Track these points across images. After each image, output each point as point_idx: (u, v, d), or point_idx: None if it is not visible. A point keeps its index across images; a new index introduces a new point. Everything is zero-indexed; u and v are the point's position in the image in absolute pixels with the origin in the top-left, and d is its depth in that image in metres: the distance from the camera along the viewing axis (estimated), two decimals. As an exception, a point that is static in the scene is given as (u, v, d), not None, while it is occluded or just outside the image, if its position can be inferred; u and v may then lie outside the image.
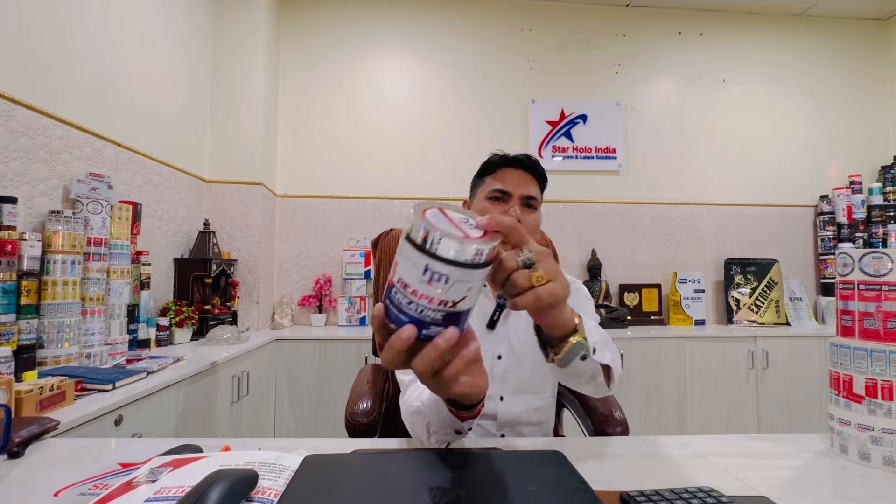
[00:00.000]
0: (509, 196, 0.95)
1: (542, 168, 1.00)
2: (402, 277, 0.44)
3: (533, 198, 0.96)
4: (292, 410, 2.35)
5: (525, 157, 0.98)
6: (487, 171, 1.00)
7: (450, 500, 0.48)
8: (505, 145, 3.08)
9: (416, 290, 0.44)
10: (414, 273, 0.43)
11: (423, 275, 0.43)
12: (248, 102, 2.58)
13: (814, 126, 3.21)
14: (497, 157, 1.00)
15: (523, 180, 0.96)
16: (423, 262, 0.42)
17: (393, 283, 0.45)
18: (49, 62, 1.47)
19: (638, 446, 0.77)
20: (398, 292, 0.45)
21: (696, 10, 3.18)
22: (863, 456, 0.68)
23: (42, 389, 0.95)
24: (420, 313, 0.45)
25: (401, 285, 0.44)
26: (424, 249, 0.42)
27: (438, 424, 0.65)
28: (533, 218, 0.96)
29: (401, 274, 0.44)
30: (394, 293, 0.45)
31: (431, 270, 0.42)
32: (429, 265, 0.42)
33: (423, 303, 0.44)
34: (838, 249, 0.84)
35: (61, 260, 1.34)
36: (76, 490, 0.55)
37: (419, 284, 0.43)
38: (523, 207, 0.95)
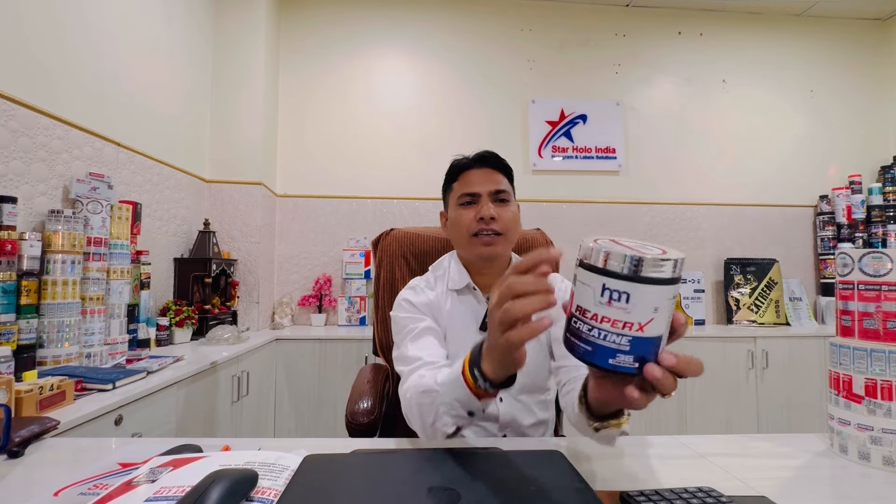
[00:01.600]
0: (478, 196, 0.93)
1: (505, 161, 0.99)
2: (579, 304, 0.44)
3: (502, 191, 0.94)
4: (292, 410, 2.35)
5: (486, 153, 0.97)
6: (453, 178, 0.99)
7: (450, 500, 0.48)
8: (505, 145, 3.09)
9: (597, 313, 0.42)
10: (591, 296, 0.42)
11: (602, 296, 0.42)
12: (248, 102, 2.58)
13: (814, 126, 3.21)
14: (458, 161, 0.99)
15: (488, 177, 0.95)
16: (601, 282, 0.42)
17: (572, 313, 0.45)
18: (48, 62, 1.47)
19: (638, 446, 0.77)
20: (577, 321, 0.44)
21: (696, 10, 3.18)
22: (862, 456, 0.68)
23: (42, 389, 0.95)
24: (603, 339, 0.43)
25: (579, 312, 0.44)
26: (600, 269, 0.42)
27: (449, 405, 0.64)
28: (508, 211, 0.94)
29: (578, 301, 0.44)
30: (573, 323, 0.44)
31: (609, 289, 0.42)
32: (606, 284, 0.42)
33: (606, 327, 0.42)
34: (838, 249, 0.84)
35: (61, 260, 1.34)
36: (76, 490, 0.55)
37: (598, 307, 0.42)
38: (495, 203, 0.93)
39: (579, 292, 0.44)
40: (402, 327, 0.92)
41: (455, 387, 0.62)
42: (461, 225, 0.94)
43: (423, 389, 0.71)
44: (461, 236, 0.95)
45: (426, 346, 0.86)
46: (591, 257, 0.43)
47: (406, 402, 0.76)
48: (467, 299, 0.98)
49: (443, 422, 0.66)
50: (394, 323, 0.95)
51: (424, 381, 0.72)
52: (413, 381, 0.76)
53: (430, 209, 2.93)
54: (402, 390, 0.80)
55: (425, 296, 0.97)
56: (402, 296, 0.98)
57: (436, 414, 0.66)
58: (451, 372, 0.64)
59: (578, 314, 0.44)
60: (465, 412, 0.63)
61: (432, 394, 0.68)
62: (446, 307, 0.96)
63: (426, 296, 0.97)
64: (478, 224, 0.92)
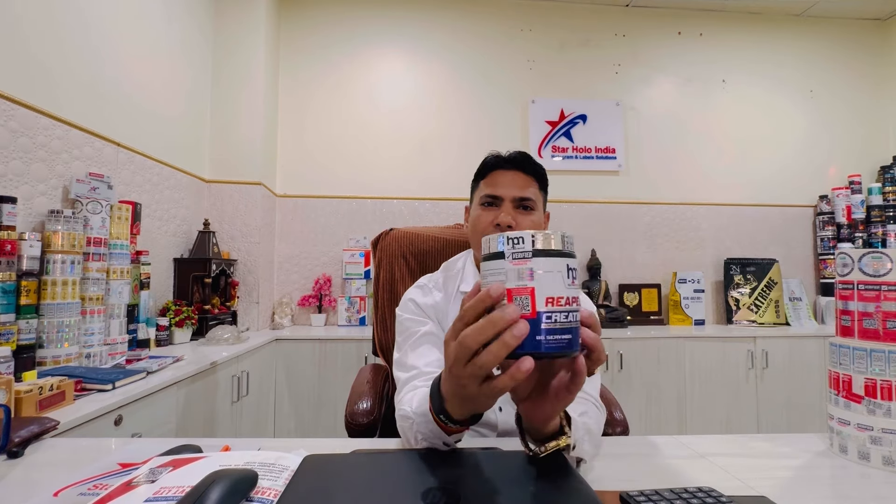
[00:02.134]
0: (501, 200, 0.90)
1: (540, 166, 0.94)
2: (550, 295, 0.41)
3: (527, 199, 0.90)
4: (292, 410, 2.35)
5: (518, 154, 0.93)
6: (481, 175, 0.96)
7: (450, 500, 0.48)
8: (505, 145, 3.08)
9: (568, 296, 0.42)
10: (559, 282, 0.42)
11: (567, 278, 0.42)
12: (248, 102, 2.57)
13: (813, 126, 3.21)
14: (489, 159, 0.95)
15: (517, 181, 0.91)
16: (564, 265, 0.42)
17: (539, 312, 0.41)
18: (48, 62, 1.47)
19: (638, 446, 0.77)
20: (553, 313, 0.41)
21: (696, 10, 3.18)
22: (862, 456, 0.68)
23: (42, 389, 0.95)
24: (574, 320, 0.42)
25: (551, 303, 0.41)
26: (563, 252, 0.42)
27: (425, 434, 0.62)
28: (529, 220, 0.90)
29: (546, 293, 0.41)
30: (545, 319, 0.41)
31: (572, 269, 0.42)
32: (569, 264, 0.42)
33: (574, 307, 0.42)
34: (838, 249, 0.84)
35: (61, 260, 1.34)
36: (76, 490, 0.55)
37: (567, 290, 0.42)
38: (517, 210, 0.90)
39: (544, 282, 0.42)
40: (404, 328, 0.91)
41: (426, 420, 0.59)
42: (478, 226, 0.92)
43: (402, 414, 0.69)
44: (476, 237, 0.93)
45: (424, 354, 0.85)
46: (548, 243, 0.42)
47: (396, 416, 0.75)
48: None
49: (423, 446, 0.65)
50: (398, 322, 0.94)
51: (403, 405, 0.70)
52: (399, 398, 0.76)
53: (429, 209, 2.93)
54: (396, 401, 0.79)
55: (432, 297, 0.95)
56: (409, 295, 0.96)
57: (416, 439, 0.65)
58: (422, 401, 0.62)
59: (552, 306, 0.41)
60: (440, 442, 0.62)
61: (409, 420, 0.66)
62: (453, 310, 0.93)
63: (433, 297, 0.95)
64: (494, 229, 0.89)
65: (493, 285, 0.43)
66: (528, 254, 0.42)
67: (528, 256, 0.42)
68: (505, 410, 0.92)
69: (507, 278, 0.43)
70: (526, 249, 0.42)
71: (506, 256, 0.43)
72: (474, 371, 0.44)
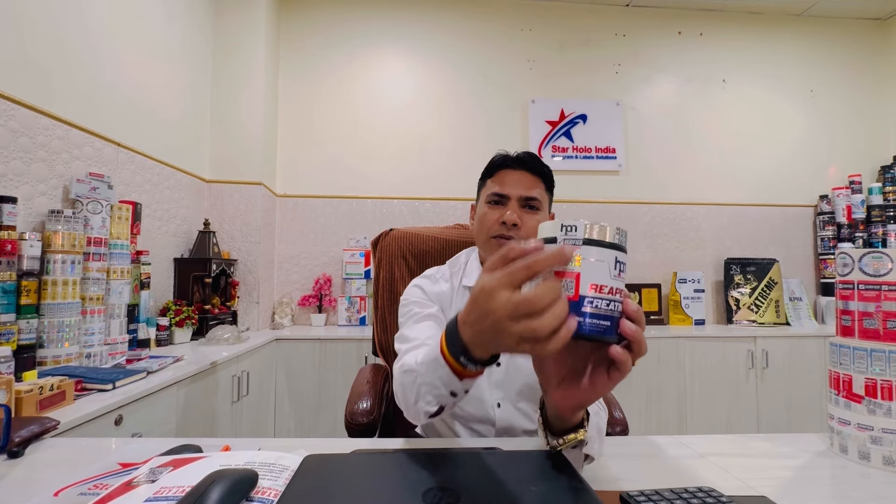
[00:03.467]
0: (507, 199, 0.92)
1: (547, 168, 0.96)
2: (594, 282, 0.44)
3: (533, 199, 0.92)
4: (292, 410, 2.35)
5: (525, 155, 0.95)
6: (489, 174, 0.98)
7: (450, 500, 0.48)
8: (505, 145, 3.07)
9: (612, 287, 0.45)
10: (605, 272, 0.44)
11: (614, 269, 0.45)
12: (248, 102, 2.58)
13: (813, 126, 3.21)
14: (497, 158, 0.97)
15: (523, 181, 0.93)
16: (613, 257, 0.45)
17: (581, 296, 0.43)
18: (48, 62, 1.47)
19: (638, 446, 0.77)
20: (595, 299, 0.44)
21: (696, 10, 3.18)
22: (862, 456, 0.68)
23: (42, 389, 0.95)
24: (615, 310, 0.45)
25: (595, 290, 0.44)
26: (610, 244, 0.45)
27: (431, 385, 0.61)
28: (534, 219, 0.92)
29: (590, 280, 0.44)
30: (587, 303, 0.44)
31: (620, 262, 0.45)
32: (618, 257, 0.45)
33: (618, 297, 0.45)
34: (838, 249, 0.84)
35: (61, 260, 1.34)
36: (76, 490, 0.55)
37: (611, 281, 0.44)
38: (523, 209, 0.92)
39: (590, 270, 0.44)
40: (408, 311, 0.92)
41: (436, 366, 0.57)
42: (484, 224, 0.93)
43: (406, 368, 0.69)
44: (482, 235, 0.94)
45: (427, 329, 0.85)
46: (604, 235, 0.45)
47: (394, 379, 0.75)
48: None
49: (425, 400, 0.63)
50: (402, 306, 0.94)
51: (407, 359, 0.70)
52: (402, 360, 0.75)
53: (429, 209, 2.93)
54: (396, 366, 0.78)
55: (439, 286, 0.96)
56: (417, 282, 0.98)
57: (417, 393, 0.64)
58: (430, 351, 0.61)
59: (595, 292, 0.44)
60: (447, 392, 0.60)
61: (412, 373, 0.65)
62: (457, 303, 0.94)
63: (440, 286, 0.96)
64: (500, 227, 0.90)
65: (567, 246, 0.44)
66: (578, 241, 0.45)
67: (579, 244, 0.45)
68: (503, 407, 0.92)
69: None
70: (578, 237, 0.45)
71: (558, 241, 0.45)
72: (525, 331, 0.42)
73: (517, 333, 0.43)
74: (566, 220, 0.46)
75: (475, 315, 0.48)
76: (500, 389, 0.92)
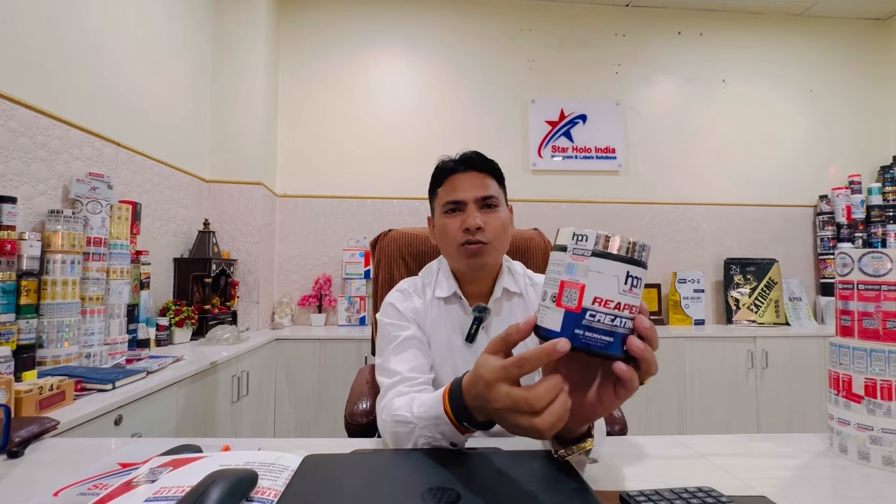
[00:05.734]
0: (464, 204, 0.89)
1: (494, 162, 0.94)
2: (597, 296, 0.43)
3: (490, 196, 0.90)
4: (292, 410, 2.35)
5: (471, 154, 0.92)
6: (438, 182, 0.94)
7: (450, 500, 0.48)
8: (505, 145, 3.09)
9: (620, 302, 0.43)
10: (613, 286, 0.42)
11: (624, 284, 0.43)
12: (248, 102, 2.57)
13: (814, 126, 3.21)
14: (442, 164, 0.94)
15: (475, 182, 0.90)
16: (624, 271, 0.43)
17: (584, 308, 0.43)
18: (47, 62, 1.47)
19: (638, 446, 0.77)
20: (598, 313, 0.43)
21: (695, 10, 3.18)
22: (862, 456, 0.68)
23: (42, 389, 0.95)
24: (622, 326, 0.43)
25: (597, 304, 0.43)
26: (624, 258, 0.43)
27: (432, 437, 0.62)
28: (496, 217, 0.90)
29: (594, 293, 0.43)
30: (588, 316, 0.43)
31: (633, 277, 0.43)
32: (630, 271, 0.43)
33: (626, 314, 0.43)
34: (838, 249, 0.84)
35: (61, 260, 1.34)
36: (76, 490, 0.55)
37: (619, 296, 0.43)
38: (482, 210, 0.89)
39: (595, 282, 0.43)
40: (385, 333, 0.90)
41: (437, 422, 0.60)
42: (447, 235, 0.91)
43: (399, 419, 0.67)
44: (448, 246, 0.92)
45: (408, 360, 0.84)
46: (613, 247, 0.43)
47: (382, 421, 0.74)
48: (453, 308, 0.94)
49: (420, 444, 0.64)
50: (379, 327, 0.92)
51: (399, 410, 0.68)
52: (389, 402, 0.74)
53: (429, 209, 2.93)
54: (380, 407, 0.78)
55: (412, 302, 0.94)
56: (389, 299, 0.95)
57: (415, 444, 0.64)
58: (430, 406, 0.61)
59: (596, 306, 0.43)
60: (447, 443, 0.62)
61: (409, 425, 0.65)
62: (432, 316, 0.92)
63: (413, 302, 0.94)
64: (464, 234, 0.88)
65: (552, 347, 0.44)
66: (587, 252, 0.44)
67: (587, 255, 0.44)
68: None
69: (564, 271, 0.44)
70: (587, 248, 0.44)
71: (567, 250, 0.45)
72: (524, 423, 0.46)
73: (516, 423, 0.46)
74: (580, 229, 0.44)
75: (478, 401, 0.52)
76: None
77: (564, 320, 0.44)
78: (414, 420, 0.64)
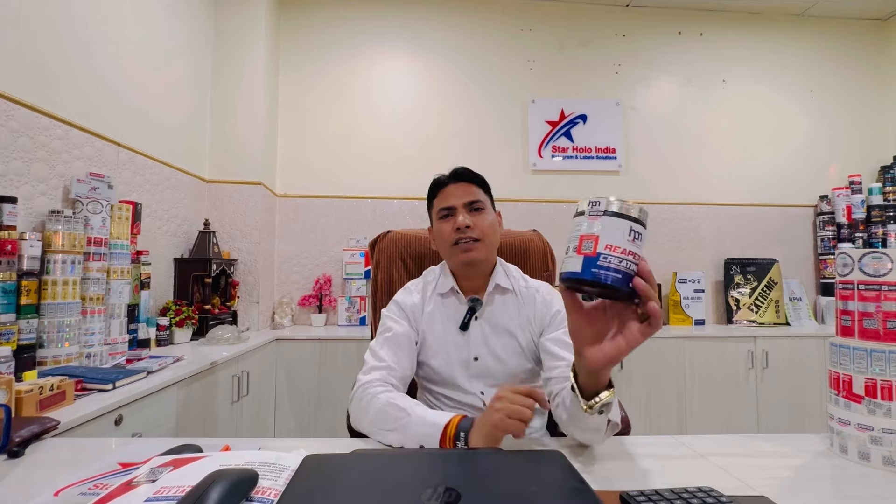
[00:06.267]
0: (454, 209, 1.02)
1: (480, 176, 1.07)
2: (609, 243, 0.56)
3: (477, 201, 1.03)
4: (292, 410, 2.35)
5: (459, 169, 1.06)
6: (433, 195, 1.09)
7: (450, 499, 0.48)
8: (505, 145, 3.09)
9: (625, 248, 0.56)
10: (620, 236, 0.56)
11: (629, 236, 0.56)
12: (249, 102, 2.57)
13: (814, 126, 3.21)
14: (436, 180, 1.08)
15: (463, 190, 1.04)
16: (628, 226, 0.56)
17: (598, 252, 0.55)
18: (48, 62, 1.47)
19: (638, 446, 0.77)
20: (609, 256, 0.55)
21: (696, 10, 3.18)
22: (862, 456, 0.68)
23: (42, 389, 0.95)
24: (627, 268, 0.56)
25: (608, 249, 0.56)
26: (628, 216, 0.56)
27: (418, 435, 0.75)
28: (483, 218, 1.02)
29: (607, 241, 0.56)
30: (602, 258, 0.55)
31: (635, 231, 0.56)
32: (633, 227, 0.56)
33: (630, 258, 0.56)
34: (838, 249, 0.84)
35: (61, 260, 1.34)
36: (76, 490, 0.55)
37: (625, 244, 0.56)
38: (471, 212, 1.02)
39: (607, 233, 0.56)
40: (384, 323, 1.04)
41: (431, 430, 0.74)
42: (442, 236, 1.04)
43: (398, 405, 0.80)
44: (444, 247, 1.05)
45: (396, 354, 0.98)
46: (620, 208, 0.56)
47: (367, 396, 0.86)
48: (451, 301, 1.06)
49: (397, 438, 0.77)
50: (382, 316, 1.07)
51: (397, 400, 0.82)
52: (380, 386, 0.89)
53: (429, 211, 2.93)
54: (363, 380, 0.91)
55: (411, 299, 1.07)
56: (396, 296, 1.09)
57: (402, 434, 0.77)
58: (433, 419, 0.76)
59: (608, 251, 0.55)
60: (417, 445, 0.75)
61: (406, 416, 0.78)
62: (427, 309, 1.05)
63: (412, 298, 1.07)
64: (456, 234, 1.00)
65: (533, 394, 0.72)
66: (601, 212, 0.57)
67: (601, 214, 0.57)
68: (487, 394, 1.00)
69: (582, 228, 0.57)
70: (601, 209, 0.57)
71: (585, 213, 0.58)
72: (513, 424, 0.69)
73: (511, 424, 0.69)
74: (593, 197, 0.58)
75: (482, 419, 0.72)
76: (480, 380, 1.01)
77: (584, 263, 0.56)
78: (412, 415, 0.78)
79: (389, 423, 0.79)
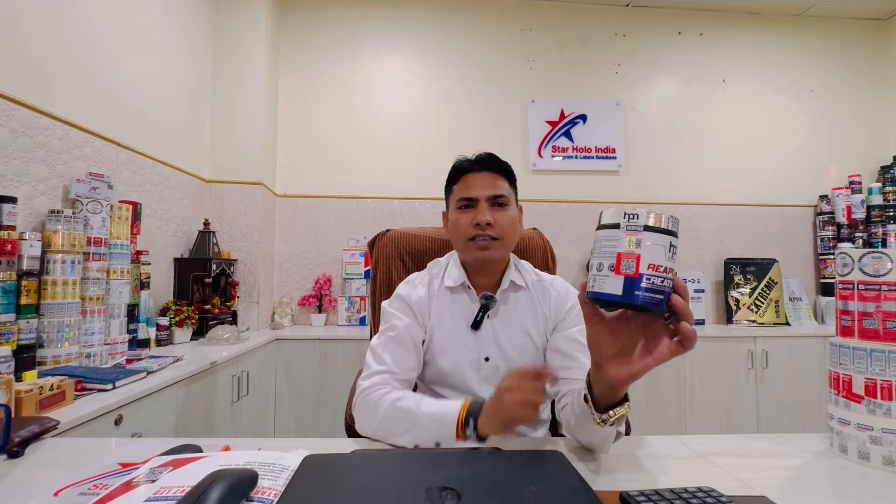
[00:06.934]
0: (476, 201, 0.95)
1: (507, 164, 1.00)
2: (652, 262, 0.51)
3: (501, 196, 0.95)
4: (292, 410, 2.35)
5: (485, 155, 0.98)
6: (454, 180, 1.00)
7: (450, 499, 0.48)
8: (505, 145, 3.09)
9: (666, 266, 0.52)
10: (661, 253, 0.52)
11: (668, 252, 0.52)
12: (249, 102, 2.57)
13: (814, 126, 3.21)
14: (459, 163, 1.00)
15: (488, 181, 0.96)
16: (668, 241, 0.52)
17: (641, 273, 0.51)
18: (48, 62, 1.47)
19: (638, 446, 0.77)
20: (652, 277, 0.51)
21: (696, 10, 3.18)
22: (862, 456, 0.68)
23: (42, 389, 0.95)
24: (668, 286, 0.52)
25: (652, 269, 0.51)
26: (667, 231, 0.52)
27: (430, 434, 0.73)
28: (506, 215, 0.95)
29: (649, 260, 0.51)
30: (645, 280, 0.51)
31: (673, 246, 0.53)
32: (672, 242, 0.52)
33: (670, 276, 0.53)
34: (838, 249, 0.84)
35: (61, 260, 1.34)
36: (76, 490, 0.55)
37: (666, 261, 0.52)
38: (493, 208, 0.95)
39: (648, 251, 0.51)
40: (387, 319, 0.98)
41: (442, 425, 0.72)
42: (459, 229, 0.97)
43: (404, 408, 0.77)
44: (459, 239, 0.98)
45: (398, 355, 0.93)
46: (660, 222, 0.52)
47: (371, 402, 0.82)
48: (461, 297, 1.00)
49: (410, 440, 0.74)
50: (382, 311, 1.00)
51: (401, 402, 0.79)
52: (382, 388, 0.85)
53: (429, 209, 2.93)
54: (365, 385, 0.86)
55: (416, 292, 1.00)
56: (399, 290, 1.02)
57: (414, 435, 0.74)
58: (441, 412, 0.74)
59: (652, 271, 0.51)
60: (433, 443, 0.73)
61: (413, 417, 0.75)
62: (435, 305, 0.99)
63: (417, 292, 1.00)
64: (475, 229, 0.94)
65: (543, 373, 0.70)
66: (640, 227, 0.52)
67: (640, 230, 0.52)
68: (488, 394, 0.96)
69: (619, 245, 0.52)
70: (639, 224, 0.52)
71: (621, 227, 0.53)
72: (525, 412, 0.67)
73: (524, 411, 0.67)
74: (627, 209, 0.53)
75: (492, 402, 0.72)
76: (489, 384, 0.95)
77: (625, 285, 0.52)
78: (420, 415, 0.74)
79: (400, 426, 0.76)
